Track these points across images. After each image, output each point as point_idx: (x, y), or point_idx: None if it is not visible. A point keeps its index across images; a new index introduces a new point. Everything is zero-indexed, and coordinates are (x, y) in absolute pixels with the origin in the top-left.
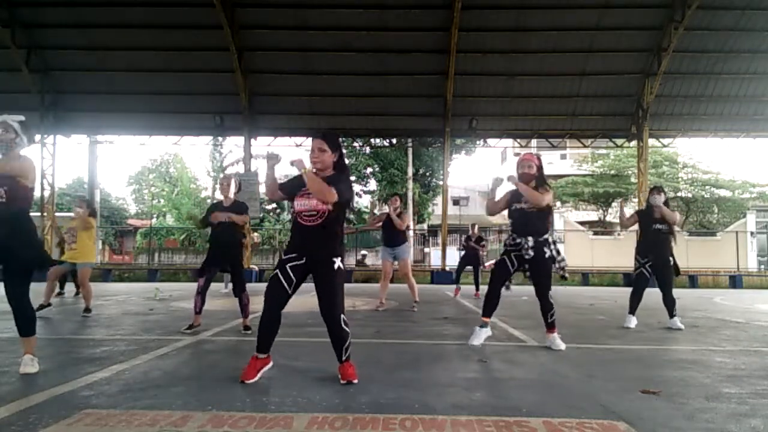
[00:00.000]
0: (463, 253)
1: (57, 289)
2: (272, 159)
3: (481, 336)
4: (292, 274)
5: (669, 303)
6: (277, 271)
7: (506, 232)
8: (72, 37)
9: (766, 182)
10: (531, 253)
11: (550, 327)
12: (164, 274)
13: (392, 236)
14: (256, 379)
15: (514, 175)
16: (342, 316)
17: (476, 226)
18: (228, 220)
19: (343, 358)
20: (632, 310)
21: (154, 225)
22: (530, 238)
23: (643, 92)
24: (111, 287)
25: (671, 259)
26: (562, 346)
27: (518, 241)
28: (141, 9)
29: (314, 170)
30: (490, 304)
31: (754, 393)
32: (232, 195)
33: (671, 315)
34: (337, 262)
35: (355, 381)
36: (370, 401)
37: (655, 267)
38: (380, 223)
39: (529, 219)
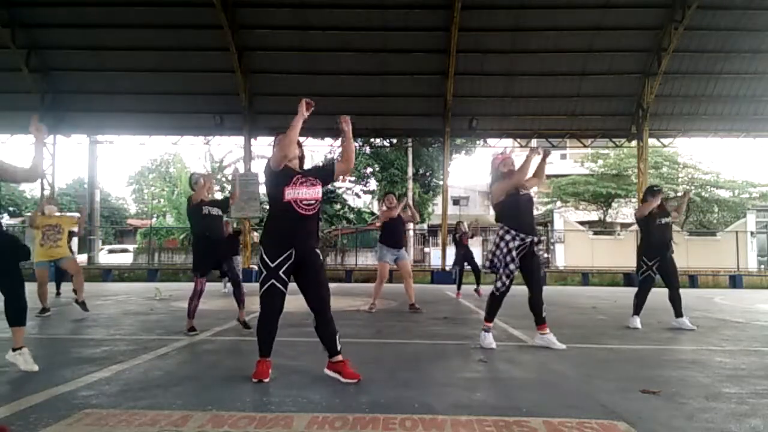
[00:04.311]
0: (460, 252)
1: (55, 290)
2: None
3: (488, 341)
4: (285, 278)
5: (677, 300)
6: (273, 280)
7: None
8: (72, 37)
9: (766, 182)
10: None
11: (545, 322)
12: (164, 274)
13: (399, 238)
14: (269, 378)
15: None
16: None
17: (464, 224)
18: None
19: (338, 348)
20: (638, 311)
21: (154, 225)
22: (535, 236)
23: (643, 92)
24: (111, 287)
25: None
26: (551, 344)
27: (527, 240)
28: (141, 9)
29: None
30: (495, 312)
31: (754, 393)
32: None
33: (679, 314)
34: (320, 254)
35: (360, 379)
36: (370, 401)
37: (663, 264)
38: (392, 217)
39: (532, 210)
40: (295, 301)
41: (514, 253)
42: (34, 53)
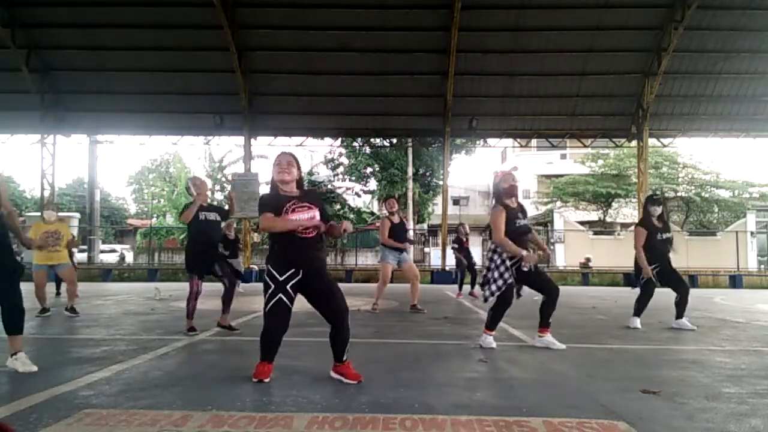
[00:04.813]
0: (459, 255)
1: (54, 291)
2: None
3: (488, 341)
4: (292, 293)
5: (682, 305)
6: (280, 294)
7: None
8: (72, 37)
9: (766, 182)
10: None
11: (548, 326)
12: (164, 274)
13: (400, 242)
14: (269, 378)
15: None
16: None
17: (465, 227)
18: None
19: (344, 358)
20: (638, 313)
21: (154, 225)
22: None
23: (643, 92)
24: (111, 287)
25: None
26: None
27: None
28: (141, 9)
29: (282, 179)
30: (497, 321)
31: (754, 393)
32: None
33: (680, 316)
34: (326, 265)
35: (362, 380)
36: (370, 401)
37: (663, 270)
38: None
39: (528, 234)
40: (297, 302)
41: (507, 263)
42: (34, 53)
